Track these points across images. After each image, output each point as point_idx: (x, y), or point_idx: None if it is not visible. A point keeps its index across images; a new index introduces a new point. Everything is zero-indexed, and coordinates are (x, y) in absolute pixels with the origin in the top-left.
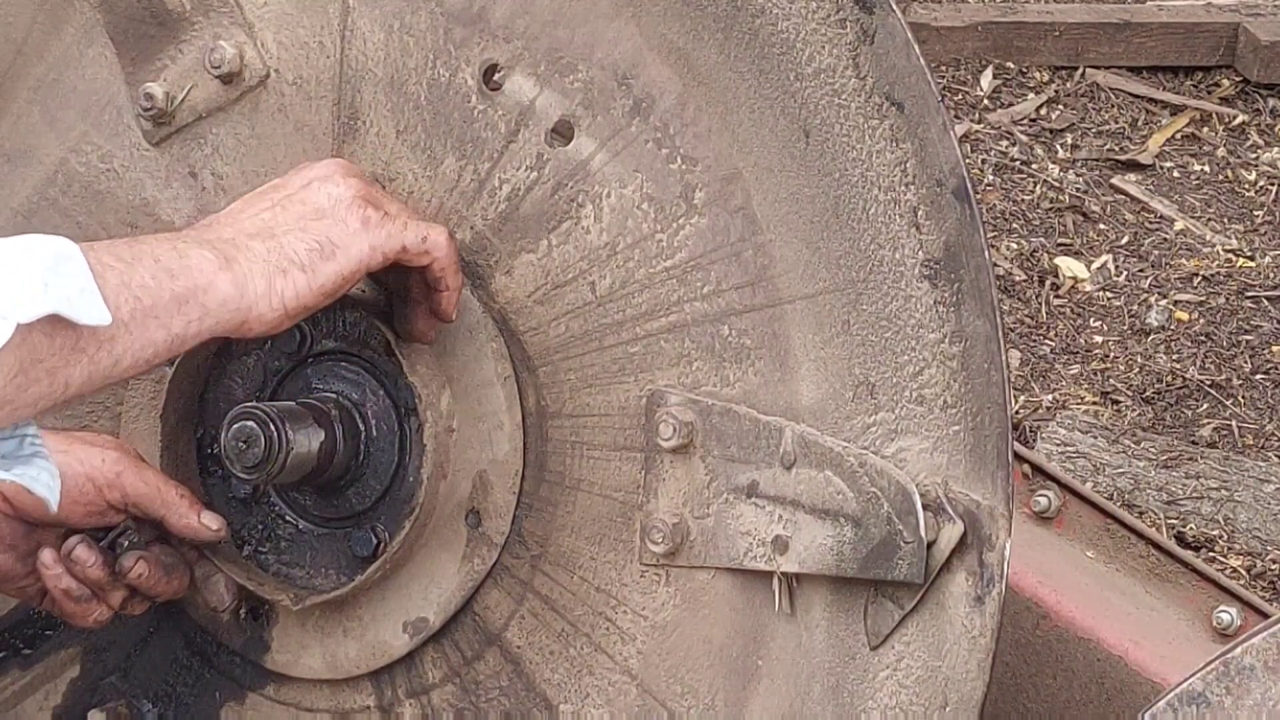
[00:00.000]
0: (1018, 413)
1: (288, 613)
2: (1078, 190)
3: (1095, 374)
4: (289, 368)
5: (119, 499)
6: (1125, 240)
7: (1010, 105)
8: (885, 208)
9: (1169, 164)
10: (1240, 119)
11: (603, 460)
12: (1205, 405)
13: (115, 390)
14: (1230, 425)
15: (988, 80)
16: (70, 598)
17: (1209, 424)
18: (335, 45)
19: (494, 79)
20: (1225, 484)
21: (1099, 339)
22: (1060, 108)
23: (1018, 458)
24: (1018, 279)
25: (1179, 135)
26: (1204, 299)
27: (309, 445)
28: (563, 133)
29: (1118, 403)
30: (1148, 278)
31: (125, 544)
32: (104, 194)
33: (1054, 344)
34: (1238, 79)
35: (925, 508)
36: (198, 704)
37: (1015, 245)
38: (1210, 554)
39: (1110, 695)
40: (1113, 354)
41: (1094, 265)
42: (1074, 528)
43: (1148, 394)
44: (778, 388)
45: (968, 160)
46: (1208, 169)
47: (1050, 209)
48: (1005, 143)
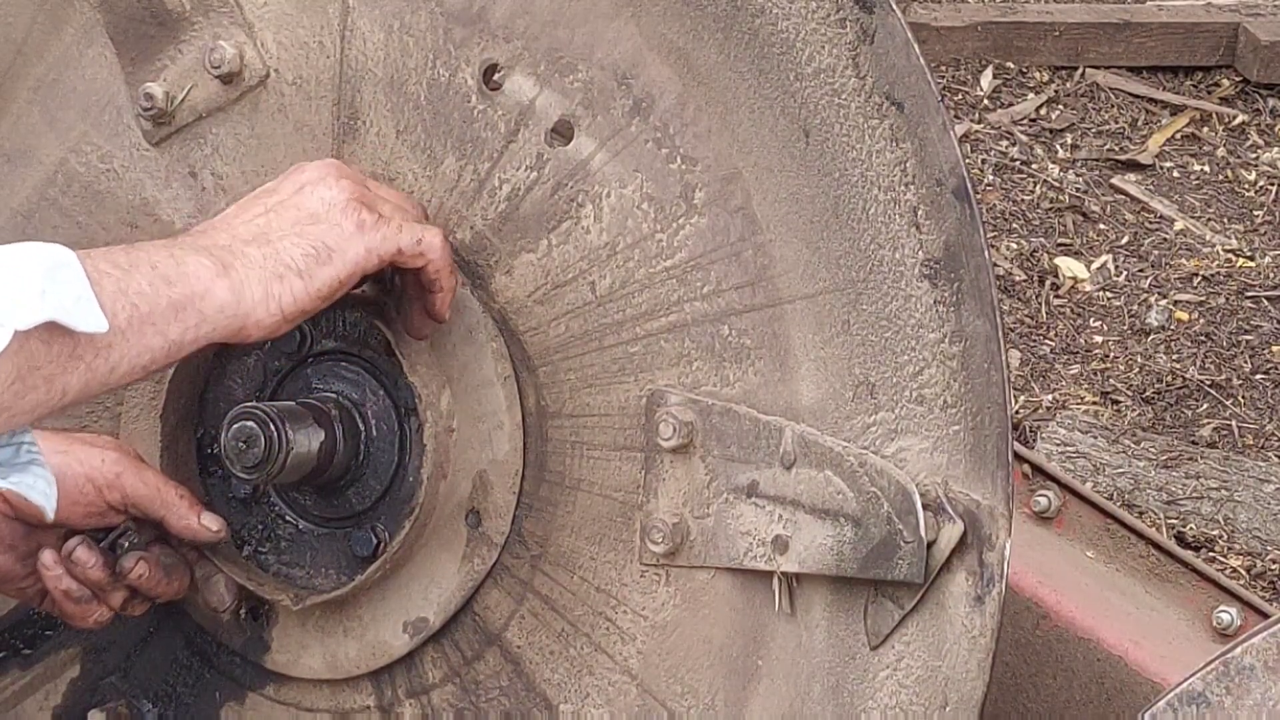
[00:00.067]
0: (1018, 413)
1: (288, 613)
2: (1078, 190)
3: (1095, 374)
4: (289, 368)
5: (119, 500)
6: (1125, 240)
7: (1010, 105)
8: (885, 207)
9: (1169, 164)
10: (1240, 119)
11: (603, 460)
12: (1205, 405)
13: (115, 391)
14: (1230, 425)
15: (988, 80)
16: (70, 599)
17: (1209, 424)
18: (335, 45)
19: (494, 79)
20: (1225, 484)
21: (1099, 339)
22: (1060, 108)
23: (1018, 458)
24: (1018, 279)
25: (1179, 135)
26: (1204, 299)
27: (309, 445)
28: (563, 133)
29: (1118, 403)
30: (1148, 278)
31: (125, 545)
32: (104, 194)
33: (1054, 344)
34: (1238, 79)
35: (925, 507)
36: (198, 704)
37: (1015, 245)
38: (1210, 554)
39: (1110, 695)
40: (1113, 354)
41: (1094, 265)
42: (1074, 528)
43: (1148, 394)
44: (778, 388)
45: (968, 160)
46: (1208, 169)
47: (1050, 209)
48: (1005, 143)
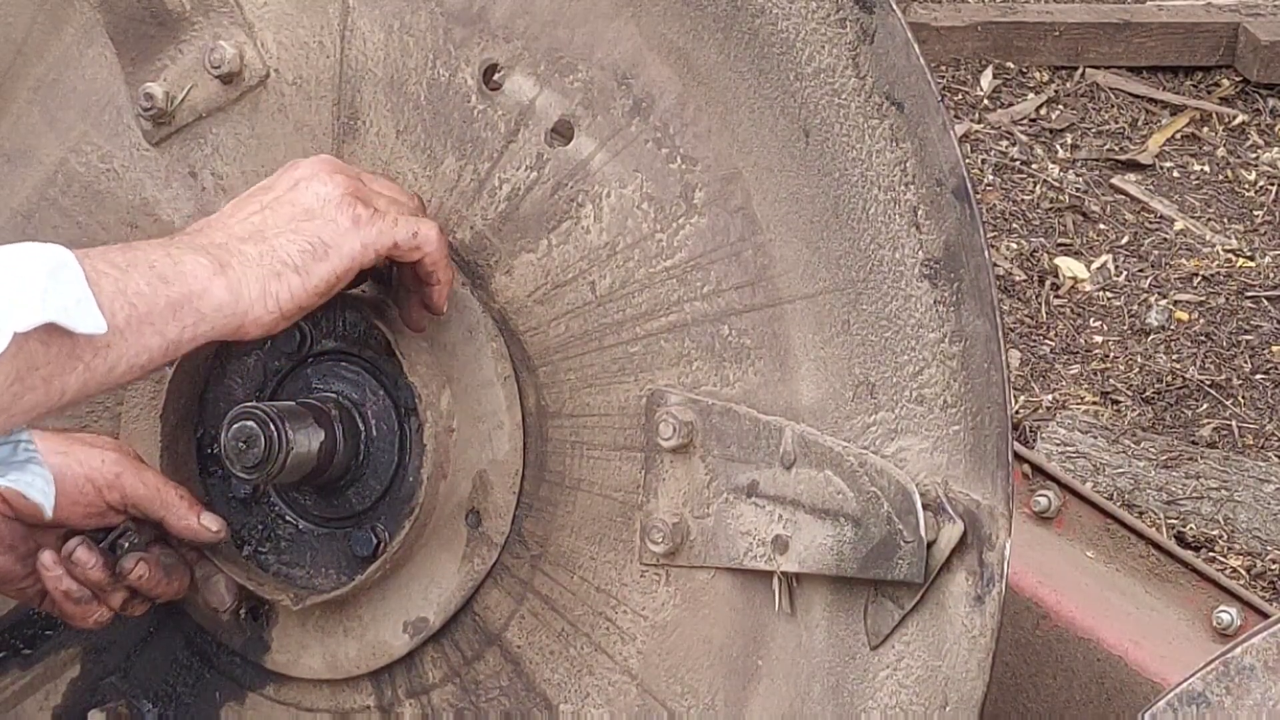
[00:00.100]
0: (1018, 413)
1: (288, 613)
2: (1078, 190)
3: (1095, 374)
4: (289, 368)
5: (118, 500)
6: (1125, 240)
7: (1010, 105)
8: (885, 207)
9: (1169, 164)
10: (1240, 119)
11: (603, 460)
12: (1205, 405)
13: (115, 390)
14: (1230, 425)
15: (988, 80)
16: (70, 599)
17: (1209, 424)
18: (335, 45)
19: (494, 79)
20: (1225, 484)
21: (1099, 339)
22: (1060, 108)
23: (1018, 458)
24: (1018, 279)
25: (1179, 135)
26: (1204, 299)
27: (309, 445)
28: (563, 132)
29: (1118, 403)
30: (1148, 278)
31: (125, 545)
32: (104, 194)
33: (1054, 344)
34: (1238, 79)
35: (925, 507)
36: (198, 704)
37: (1015, 245)
38: (1210, 554)
39: (1110, 695)
40: (1113, 354)
41: (1094, 265)
42: (1074, 528)
43: (1148, 394)
44: (778, 387)
45: (968, 160)
46: (1208, 169)
47: (1050, 209)
48: (1005, 143)
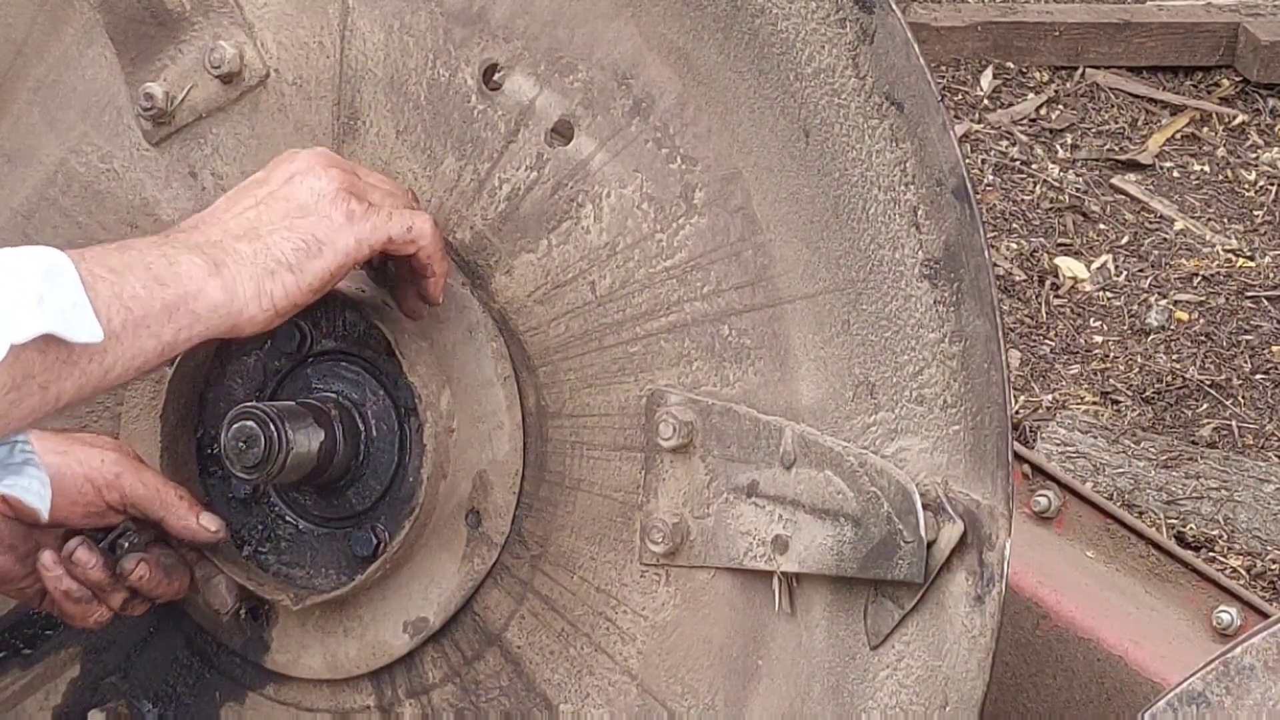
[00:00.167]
0: (1018, 413)
1: (288, 613)
2: (1078, 190)
3: (1095, 374)
4: (289, 368)
5: (118, 500)
6: (1125, 240)
7: (1010, 105)
8: (885, 207)
9: (1169, 164)
10: (1240, 119)
11: (603, 460)
12: (1205, 405)
13: (115, 390)
14: (1230, 425)
15: (988, 80)
16: (70, 599)
17: (1209, 424)
18: (335, 45)
19: (494, 79)
20: (1225, 484)
21: (1099, 339)
22: (1060, 108)
23: (1018, 458)
24: (1018, 279)
25: (1179, 135)
26: (1204, 299)
27: (309, 445)
28: (563, 132)
29: (1118, 403)
30: (1148, 278)
31: (125, 545)
32: (104, 194)
33: (1054, 344)
34: (1238, 79)
35: (925, 507)
36: (198, 704)
37: (1015, 245)
38: (1210, 554)
39: (1110, 695)
40: (1113, 354)
41: (1094, 265)
42: (1074, 528)
43: (1148, 394)
44: (778, 387)
45: (968, 160)
46: (1208, 169)
47: (1050, 209)
48: (1005, 143)
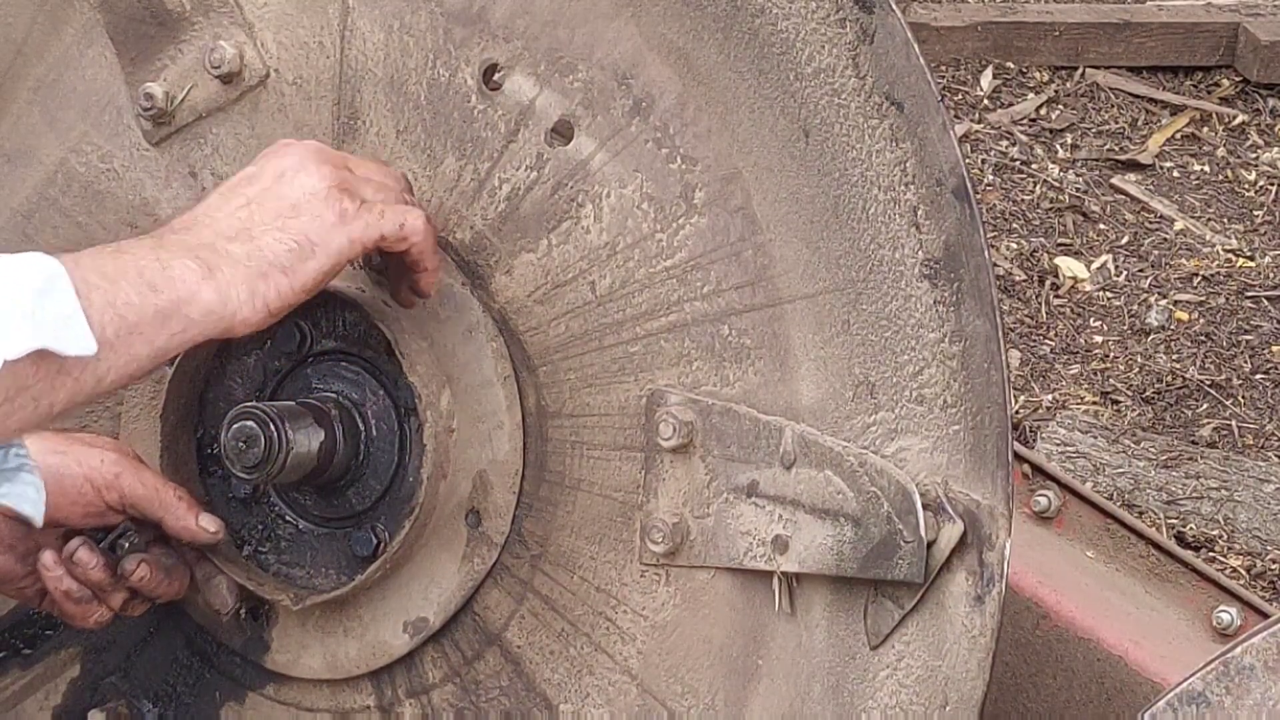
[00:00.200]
0: (1018, 413)
1: (288, 613)
2: (1078, 190)
3: (1095, 374)
4: (289, 368)
5: (117, 500)
6: (1125, 240)
7: (1010, 105)
8: (885, 207)
9: (1169, 164)
10: (1240, 119)
11: (603, 460)
12: (1205, 405)
13: (105, 398)
14: (1230, 425)
15: (988, 80)
16: (71, 599)
17: (1209, 424)
18: (335, 45)
19: (494, 79)
20: (1225, 484)
21: (1099, 339)
22: (1060, 108)
23: (1018, 458)
24: (1018, 279)
25: (1179, 135)
26: (1204, 299)
27: (309, 445)
28: (563, 132)
29: (1118, 403)
30: (1148, 278)
31: (125, 545)
32: (104, 194)
33: (1054, 344)
34: (1238, 79)
35: (925, 507)
36: (198, 704)
37: (1015, 245)
38: (1210, 554)
39: (1110, 695)
40: (1113, 354)
41: (1094, 265)
42: (1074, 528)
43: (1148, 394)
44: (778, 387)
45: (968, 160)
46: (1208, 169)
47: (1050, 209)
48: (1005, 143)
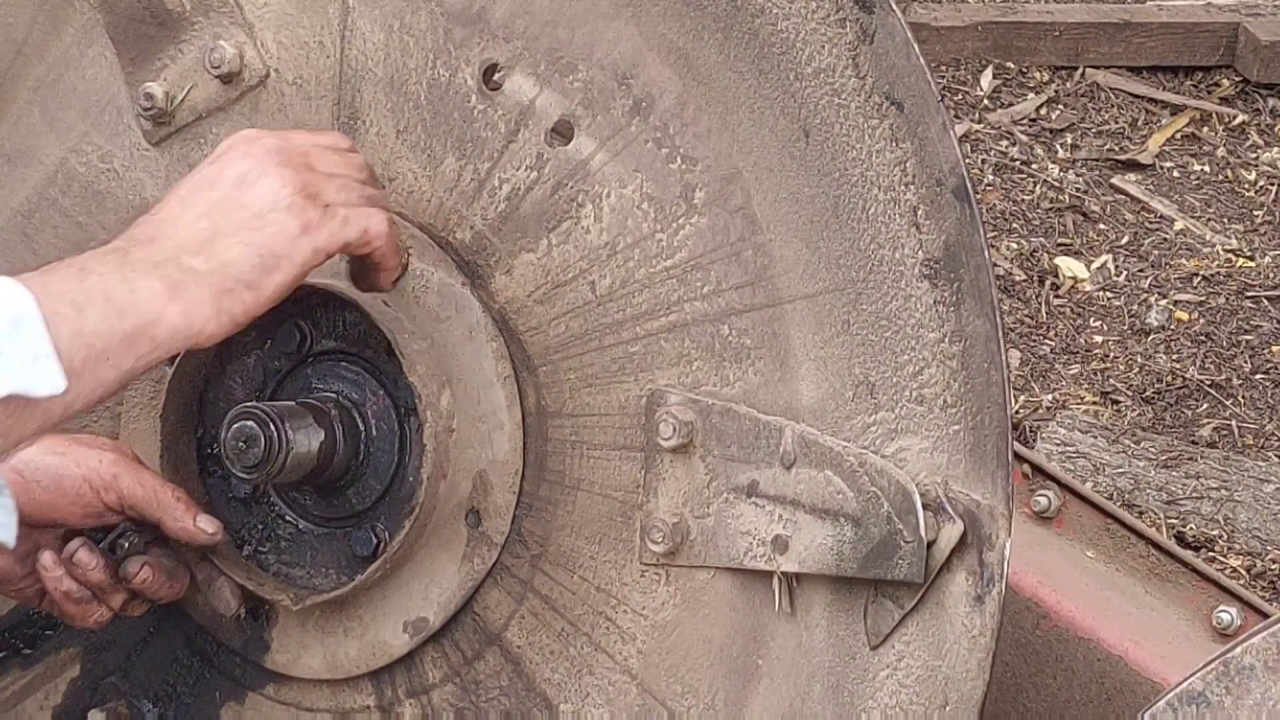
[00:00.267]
0: (1018, 413)
1: (288, 612)
2: (1078, 190)
3: (1095, 374)
4: (289, 368)
5: (115, 501)
6: (1125, 240)
7: (1010, 105)
8: (885, 207)
9: (1169, 164)
10: (1240, 119)
11: (603, 460)
12: (1205, 405)
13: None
14: (1230, 425)
15: (988, 80)
16: (70, 599)
17: (1209, 424)
18: (335, 45)
19: (494, 79)
20: (1225, 484)
21: (1099, 339)
22: (1060, 108)
23: (1018, 458)
24: (1018, 279)
25: (1179, 135)
26: (1204, 299)
27: (309, 445)
28: (563, 132)
29: (1118, 403)
30: (1148, 278)
31: (125, 545)
32: (104, 194)
33: (1054, 344)
34: (1238, 79)
35: (925, 507)
36: (198, 704)
37: (1015, 245)
38: (1210, 554)
39: (1110, 695)
40: (1113, 354)
41: (1094, 265)
42: (1074, 528)
43: (1148, 394)
44: (778, 387)
45: (968, 160)
46: (1208, 169)
47: (1050, 209)
48: (1005, 143)
